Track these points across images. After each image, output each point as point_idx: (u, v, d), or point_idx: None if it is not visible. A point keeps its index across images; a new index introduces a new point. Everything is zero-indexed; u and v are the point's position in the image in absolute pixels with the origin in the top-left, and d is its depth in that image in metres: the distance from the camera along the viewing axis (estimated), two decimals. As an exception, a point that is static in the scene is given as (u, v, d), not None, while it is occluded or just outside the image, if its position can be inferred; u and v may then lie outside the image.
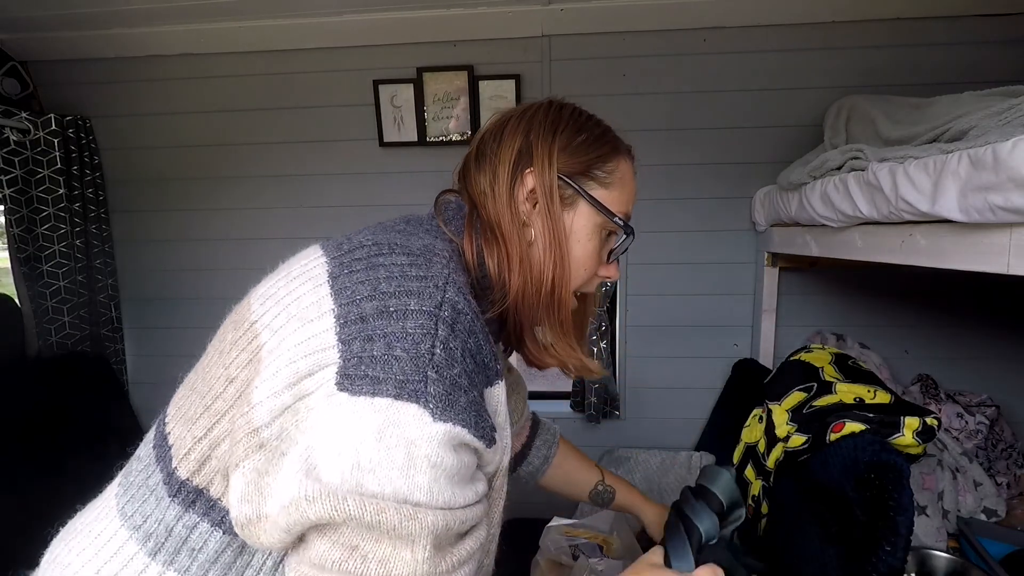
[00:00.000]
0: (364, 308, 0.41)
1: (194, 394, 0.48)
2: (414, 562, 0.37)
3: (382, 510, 0.36)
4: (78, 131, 1.73)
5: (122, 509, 0.47)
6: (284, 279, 0.48)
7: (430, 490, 0.37)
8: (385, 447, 0.36)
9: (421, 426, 0.37)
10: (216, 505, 0.44)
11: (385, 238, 0.49)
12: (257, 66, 1.75)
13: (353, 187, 1.81)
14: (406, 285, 0.43)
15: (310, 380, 0.39)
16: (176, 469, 0.45)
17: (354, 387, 0.38)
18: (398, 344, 0.39)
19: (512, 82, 1.67)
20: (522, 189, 0.56)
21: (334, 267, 0.45)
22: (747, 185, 1.70)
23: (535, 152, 0.56)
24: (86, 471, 0.64)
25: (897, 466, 0.91)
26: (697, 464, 1.72)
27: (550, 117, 0.59)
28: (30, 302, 1.68)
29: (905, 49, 1.59)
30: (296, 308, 0.43)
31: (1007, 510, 1.41)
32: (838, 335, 1.72)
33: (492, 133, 0.60)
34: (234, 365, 0.44)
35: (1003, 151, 0.70)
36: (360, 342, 0.39)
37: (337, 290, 0.43)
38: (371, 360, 0.39)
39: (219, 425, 0.44)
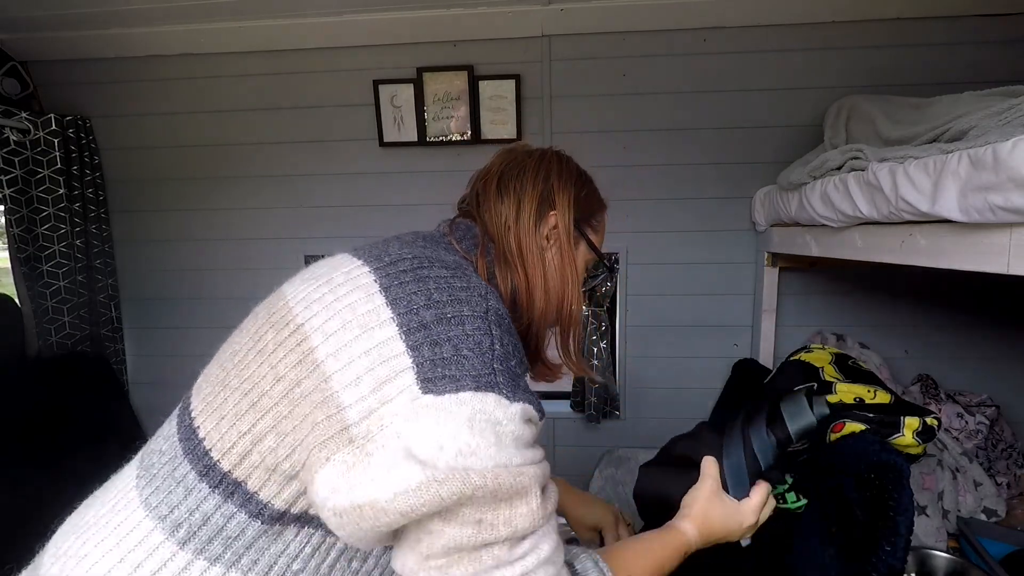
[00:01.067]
0: (423, 316, 0.46)
1: (230, 391, 0.49)
2: (530, 511, 0.45)
3: (496, 475, 0.42)
4: (78, 131, 1.73)
5: (146, 500, 0.49)
6: (326, 285, 0.50)
7: (521, 454, 0.45)
8: (478, 432, 0.43)
9: (502, 409, 0.45)
10: (253, 497, 0.47)
11: (419, 252, 0.54)
12: (257, 66, 1.75)
13: (353, 187, 1.81)
14: (456, 294, 0.49)
15: (390, 386, 0.44)
16: (218, 462, 0.47)
17: (437, 388, 0.43)
18: (463, 345, 0.46)
19: (512, 82, 1.67)
20: (545, 225, 0.66)
21: (382, 278, 0.49)
22: (747, 185, 1.70)
23: (557, 197, 0.67)
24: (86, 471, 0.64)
25: (897, 466, 0.91)
26: (697, 464, 1.71)
27: (565, 168, 0.71)
28: (30, 302, 1.68)
29: (905, 49, 1.59)
30: (350, 315, 0.47)
31: (1007, 510, 1.41)
32: (838, 335, 1.72)
33: (513, 171, 0.68)
34: (282, 365, 0.47)
35: (1003, 151, 0.70)
36: (428, 347, 0.45)
37: (392, 300, 0.47)
38: (443, 362, 0.44)
39: (263, 421, 0.47)
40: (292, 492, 0.47)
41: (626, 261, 1.78)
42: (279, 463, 0.46)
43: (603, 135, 1.71)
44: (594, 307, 1.80)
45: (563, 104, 1.71)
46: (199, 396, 0.53)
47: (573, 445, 1.90)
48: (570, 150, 1.82)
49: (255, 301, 0.62)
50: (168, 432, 0.54)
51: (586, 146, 1.72)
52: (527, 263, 0.64)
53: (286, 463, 0.46)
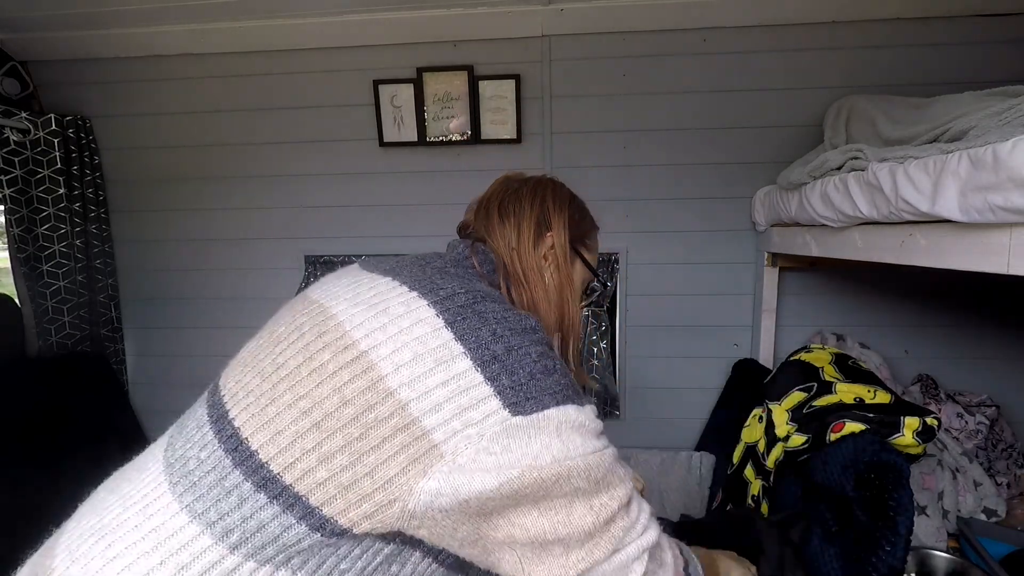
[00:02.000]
0: (494, 350, 0.52)
1: (283, 406, 0.51)
2: (623, 483, 0.55)
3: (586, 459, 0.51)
4: (78, 131, 1.73)
5: (190, 505, 0.50)
6: (384, 315, 0.54)
7: (601, 441, 0.54)
8: (565, 438, 0.51)
9: (580, 414, 0.53)
10: (316, 511, 0.49)
11: (466, 285, 0.59)
12: (257, 66, 1.75)
13: (353, 187, 1.81)
14: (513, 326, 0.54)
15: (474, 411, 0.49)
16: (279, 475, 0.49)
17: (526, 409, 0.50)
18: (535, 370, 0.52)
19: (512, 82, 1.67)
20: (542, 246, 0.73)
21: (445, 313, 0.54)
22: (747, 185, 1.70)
23: (553, 220, 0.74)
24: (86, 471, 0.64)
25: (897, 466, 0.91)
26: (697, 464, 1.72)
27: (558, 193, 0.78)
28: (30, 302, 1.68)
29: (905, 49, 1.59)
30: (421, 348, 0.51)
31: (1007, 510, 1.41)
32: (838, 335, 1.72)
33: (510, 198, 0.75)
34: (349, 389, 0.50)
35: (1003, 151, 0.70)
36: (505, 376, 0.51)
37: (460, 335, 0.52)
38: (522, 386, 0.51)
39: (330, 440, 0.49)
40: (362, 512, 0.49)
41: (626, 261, 1.78)
42: (357, 480, 0.49)
43: (603, 135, 1.71)
44: (594, 307, 1.80)
45: (563, 104, 1.71)
46: (238, 406, 0.53)
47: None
48: (570, 150, 1.82)
49: (255, 301, 0.62)
50: (202, 440, 0.53)
51: (586, 146, 1.72)
52: (530, 281, 0.71)
53: (366, 481, 0.49)
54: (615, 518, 0.53)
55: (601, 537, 0.52)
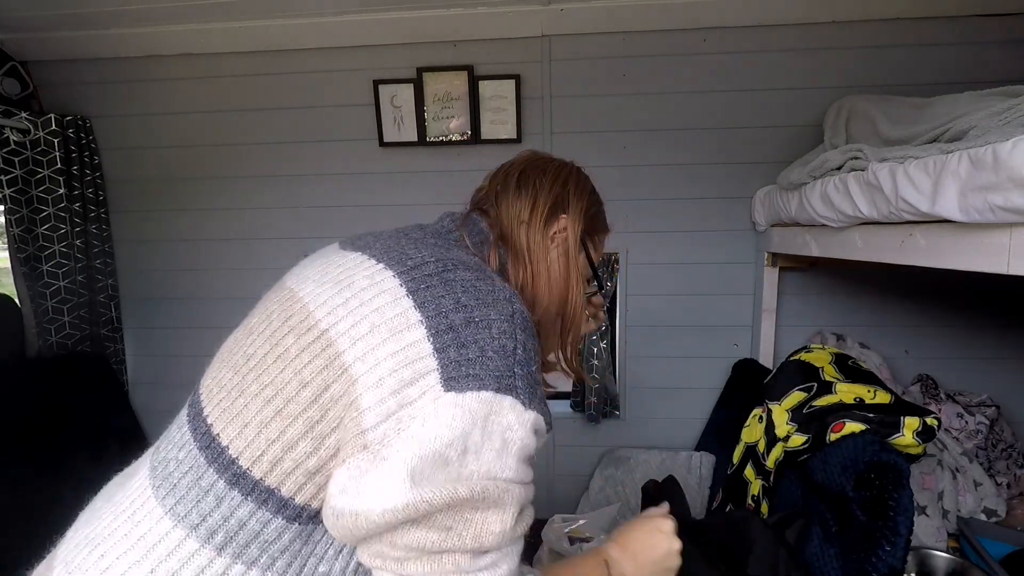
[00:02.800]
0: (452, 319, 0.47)
1: (249, 397, 0.49)
2: (502, 530, 0.46)
3: (484, 487, 0.44)
4: (78, 131, 1.73)
5: (171, 510, 0.48)
6: (348, 289, 0.50)
7: (516, 469, 0.46)
8: (488, 433, 0.45)
9: (517, 414, 0.46)
10: (289, 503, 0.47)
11: (440, 254, 0.54)
12: (257, 66, 1.75)
13: (353, 187, 1.81)
14: (482, 297, 0.49)
15: (412, 388, 0.44)
16: (248, 470, 0.47)
17: (460, 386, 0.44)
18: (489, 347, 0.46)
19: (512, 82, 1.67)
20: (554, 225, 0.69)
21: (408, 282, 0.50)
22: (747, 185, 1.70)
23: (571, 203, 0.70)
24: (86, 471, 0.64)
25: (897, 466, 0.91)
26: (697, 464, 1.72)
27: (582, 180, 0.75)
28: (30, 302, 1.68)
29: (905, 49, 1.59)
30: (378, 318, 0.47)
31: (1007, 510, 1.41)
32: (838, 335, 1.72)
33: (534, 170, 0.72)
34: (308, 370, 0.47)
35: (1003, 151, 0.70)
36: (455, 349, 0.46)
37: (420, 303, 0.48)
38: (468, 362, 0.45)
39: (292, 427, 0.47)
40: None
41: (626, 261, 1.78)
42: (323, 465, 0.47)
43: (603, 135, 1.71)
44: (594, 307, 1.80)
45: (563, 104, 1.71)
46: (212, 402, 0.52)
47: (573, 445, 1.90)
48: (570, 150, 1.83)
49: (255, 301, 0.62)
50: (181, 440, 0.53)
51: (586, 146, 1.72)
52: (534, 259, 0.66)
53: (332, 464, 0.47)
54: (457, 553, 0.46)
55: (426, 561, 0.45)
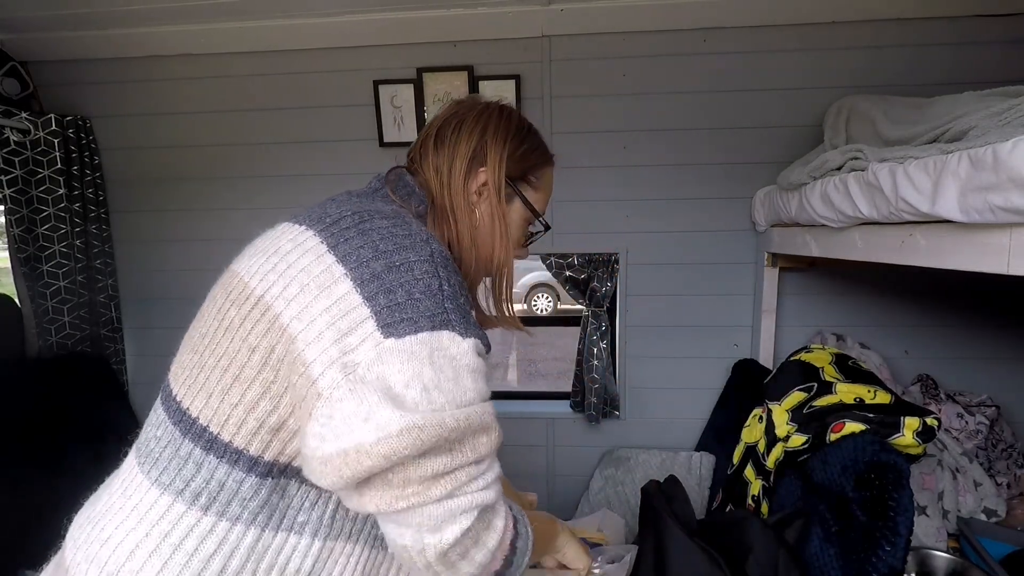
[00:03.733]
0: (374, 267, 0.49)
1: (208, 370, 0.52)
2: (489, 440, 0.51)
3: (468, 416, 0.48)
4: (78, 131, 1.73)
5: (157, 480, 0.52)
6: (276, 255, 0.53)
7: (476, 388, 0.50)
8: (438, 367, 0.48)
9: (456, 344, 0.49)
10: (258, 460, 0.51)
11: (358, 207, 0.56)
12: (257, 66, 1.75)
13: (353, 187, 1.80)
14: (400, 242, 0.51)
15: (351, 336, 0.47)
16: (218, 435, 0.51)
17: (397, 331, 0.47)
18: (415, 289, 0.49)
19: (512, 82, 1.67)
20: (474, 182, 0.68)
21: (328, 238, 0.52)
22: (747, 185, 1.70)
23: (488, 154, 0.68)
24: (86, 471, 0.64)
25: (897, 466, 0.91)
26: (697, 464, 1.72)
27: (502, 124, 0.71)
28: (30, 302, 1.68)
29: (905, 49, 1.59)
30: (306, 278, 0.50)
31: (1007, 510, 1.41)
32: (838, 335, 1.72)
33: (451, 125, 0.70)
34: (253, 336, 0.50)
35: (1003, 151, 0.70)
36: (383, 295, 0.48)
37: (342, 257, 0.50)
38: (398, 306, 0.48)
39: (251, 390, 0.50)
40: (295, 447, 0.51)
41: (626, 261, 1.78)
42: (284, 421, 0.50)
43: (603, 135, 1.71)
44: (594, 307, 1.80)
45: (563, 104, 1.71)
46: (179, 382, 0.56)
47: (573, 445, 1.90)
48: (570, 150, 1.82)
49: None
50: (157, 421, 0.56)
51: (586, 146, 1.72)
52: (458, 219, 0.67)
53: (292, 420, 0.50)
54: (466, 466, 0.50)
55: (444, 479, 0.48)
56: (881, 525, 0.88)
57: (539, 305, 7.82)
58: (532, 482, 1.91)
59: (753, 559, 0.92)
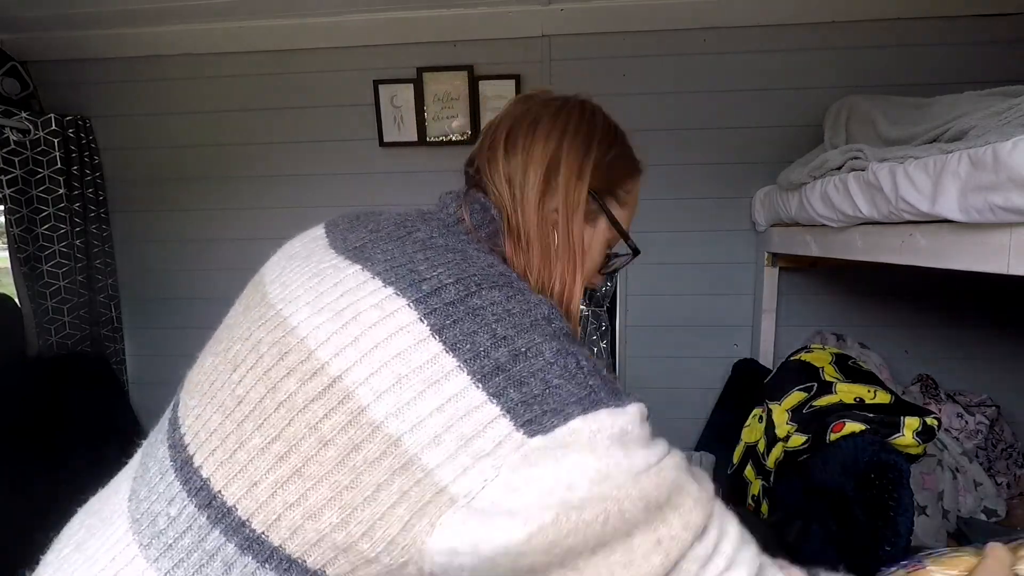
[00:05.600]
0: (496, 358, 0.41)
1: (255, 450, 0.42)
2: (694, 500, 0.42)
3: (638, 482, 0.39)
4: (78, 131, 1.73)
5: (170, 573, 0.42)
6: (354, 324, 0.42)
7: (652, 452, 0.42)
8: (604, 452, 0.39)
9: (617, 417, 0.40)
10: (319, 574, 0.41)
11: (457, 272, 0.46)
12: (257, 66, 1.75)
13: (353, 187, 1.80)
14: (518, 321, 0.43)
15: (481, 439, 0.39)
16: (263, 535, 0.41)
17: (543, 427, 0.39)
18: (550, 375, 0.41)
19: (512, 82, 1.67)
20: (552, 197, 0.56)
21: (428, 317, 0.42)
22: (747, 185, 1.70)
23: (568, 163, 0.56)
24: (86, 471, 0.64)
25: (897, 466, 0.91)
26: (697, 464, 1.71)
27: (584, 127, 0.59)
28: (30, 302, 1.68)
29: (905, 49, 1.59)
30: (403, 367, 0.40)
31: (1007, 510, 1.41)
32: (838, 335, 1.72)
33: (522, 126, 0.58)
34: (326, 426, 0.40)
35: (1003, 151, 0.70)
36: (513, 389, 0.40)
37: (452, 345, 0.41)
38: (536, 398, 0.40)
39: (316, 492, 0.40)
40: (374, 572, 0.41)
41: (626, 261, 1.77)
42: (354, 543, 0.40)
43: (603, 135, 1.71)
44: (594, 307, 1.80)
45: (563, 104, 1.71)
46: (204, 452, 0.44)
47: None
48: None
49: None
50: (168, 493, 0.44)
51: (586, 146, 1.72)
52: (530, 242, 0.55)
53: (364, 543, 0.40)
54: (694, 545, 0.41)
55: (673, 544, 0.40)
56: (881, 525, 0.88)
57: (539, 305, 7.80)
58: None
59: None
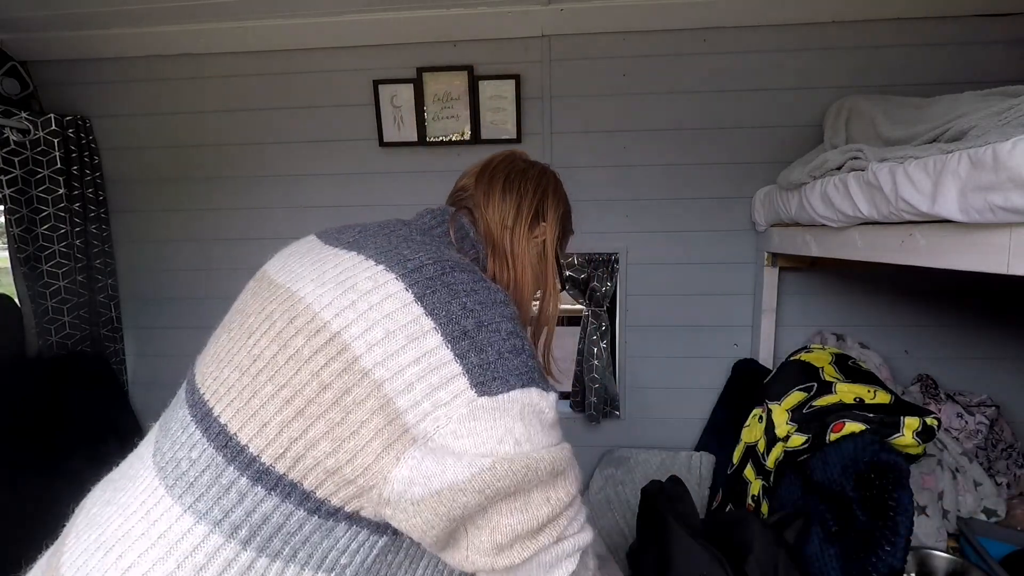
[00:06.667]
0: (464, 325, 0.51)
1: (266, 397, 0.51)
2: (567, 488, 0.54)
3: (541, 458, 0.50)
4: (78, 131, 1.73)
5: (192, 506, 0.50)
6: (353, 291, 0.52)
7: (557, 434, 0.55)
8: (528, 422, 0.51)
9: (543, 399, 0.53)
10: (311, 495, 0.50)
11: (435, 255, 0.57)
12: (257, 66, 1.75)
13: (353, 187, 1.81)
14: (484, 299, 0.54)
15: (443, 391, 0.49)
16: (272, 466, 0.50)
17: (491, 390, 0.50)
18: (503, 348, 0.52)
19: (512, 82, 1.67)
20: (536, 231, 0.76)
21: (413, 287, 0.53)
22: (747, 185, 1.70)
23: (549, 210, 0.77)
24: (85, 471, 0.64)
25: (897, 466, 0.91)
26: (697, 464, 1.72)
27: (559, 190, 0.81)
28: (30, 302, 1.68)
29: (906, 49, 1.59)
30: (392, 325, 0.50)
31: (1007, 510, 1.41)
32: (838, 335, 1.72)
33: (515, 176, 0.77)
34: (326, 373, 0.49)
35: (1003, 151, 0.70)
36: (474, 354, 0.50)
37: (430, 310, 0.51)
38: (489, 365, 0.50)
39: (314, 427, 0.49)
40: (349, 493, 0.50)
41: (626, 261, 1.78)
42: (340, 467, 0.49)
43: (603, 135, 1.71)
44: (594, 307, 1.80)
45: (563, 104, 1.71)
46: (223, 403, 0.53)
47: (573, 445, 1.87)
48: (570, 150, 1.83)
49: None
50: (190, 441, 0.53)
51: (586, 146, 1.72)
52: (517, 263, 0.73)
53: (348, 468, 0.49)
54: (563, 510, 0.53)
55: (550, 527, 0.52)
56: (881, 525, 0.88)
57: (539, 305, 7.82)
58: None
59: (753, 559, 0.92)
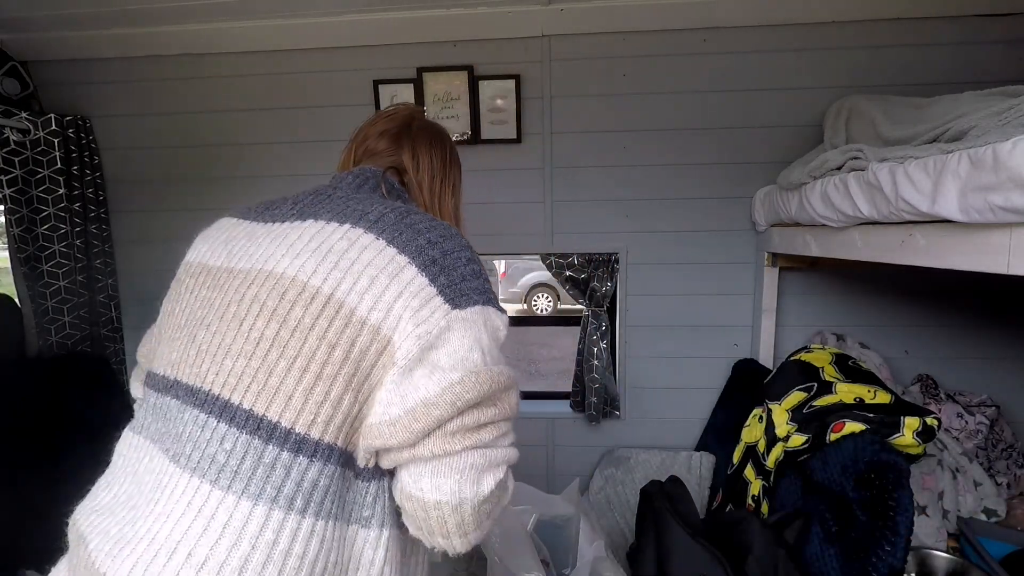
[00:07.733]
0: (431, 255, 0.58)
1: (283, 372, 0.53)
2: (510, 402, 0.59)
3: (501, 372, 0.56)
4: (78, 131, 1.73)
5: (244, 491, 0.51)
6: (332, 255, 0.57)
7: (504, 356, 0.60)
8: (488, 335, 0.58)
9: (499, 317, 0.60)
10: (344, 452, 0.55)
11: (386, 205, 0.64)
12: (257, 66, 1.75)
13: (353, 187, 1.80)
14: (442, 233, 0.61)
15: (423, 310, 0.55)
16: (307, 435, 0.52)
17: (461, 303, 0.57)
18: (465, 271, 0.59)
19: (512, 82, 1.67)
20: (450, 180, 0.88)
21: (382, 234, 0.58)
22: (747, 185, 1.70)
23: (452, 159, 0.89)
24: (86, 471, 0.64)
25: (897, 466, 0.92)
26: (697, 464, 1.72)
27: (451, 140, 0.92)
28: (30, 302, 1.68)
29: (905, 49, 1.59)
30: (374, 270, 0.55)
31: (1007, 510, 1.41)
32: (838, 335, 1.72)
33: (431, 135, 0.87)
34: (331, 332, 0.53)
35: (1003, 151, 0.70)
36: (443, 276, 0.57)
37: (402, 248, 0.57)
38: (456, 284, 0.58)
39: (335, 386, 0.53)
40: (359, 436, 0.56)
41: (626, 261, 1.78)
42: (361, 412, 0.55)
43: (603, 135, 1.71)
44: (594, 307, 1.80)
45: (563, 104, 1.71)
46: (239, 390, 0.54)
47: (573, 445, 1.90)
48: (570, 150, 1.82)
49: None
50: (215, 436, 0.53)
51: (586, 146, 1.72)
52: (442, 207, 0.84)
53: (366, 409, 0.55)
54: (503, 420, 0.57)
55: (489, 428, 0.56)
56: (881, 525, 0.88)
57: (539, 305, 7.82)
58: (532, 482, 1.91)
59: (753, 559, 0.93)
